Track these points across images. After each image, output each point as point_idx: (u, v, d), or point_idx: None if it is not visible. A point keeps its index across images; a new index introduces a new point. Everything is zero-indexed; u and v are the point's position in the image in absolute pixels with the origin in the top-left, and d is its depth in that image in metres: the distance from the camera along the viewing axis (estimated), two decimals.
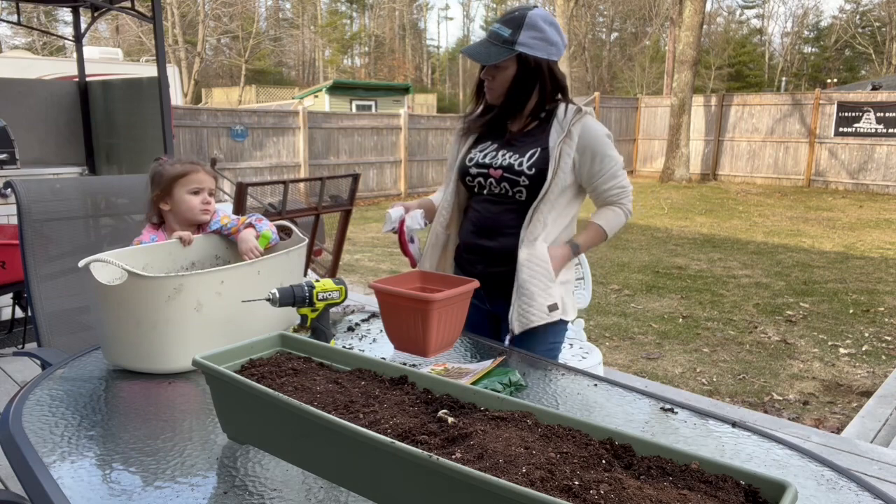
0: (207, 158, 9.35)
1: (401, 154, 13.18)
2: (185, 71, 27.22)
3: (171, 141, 4.39)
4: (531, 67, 1.81)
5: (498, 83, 1.85)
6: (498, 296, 1.92)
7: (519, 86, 1.83)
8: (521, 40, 1.78)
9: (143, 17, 4.62)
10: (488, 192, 1.91)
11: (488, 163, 1.89)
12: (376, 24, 45.67)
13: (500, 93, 1.87)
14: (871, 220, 10.39)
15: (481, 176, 1.90)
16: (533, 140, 1.87)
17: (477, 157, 1.93)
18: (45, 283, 2.19)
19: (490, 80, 1.86)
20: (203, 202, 1.88)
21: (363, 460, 0.91)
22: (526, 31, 1.78)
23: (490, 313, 2.00)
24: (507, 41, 1.79)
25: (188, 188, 1.86)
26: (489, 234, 1.91)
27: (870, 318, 5.24)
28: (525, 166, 1.83)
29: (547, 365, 1.65)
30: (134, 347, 1.49)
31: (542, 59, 1.81)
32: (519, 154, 1.86)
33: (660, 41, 39.04)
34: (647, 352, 4.46)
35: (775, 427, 3.07)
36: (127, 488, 1.02)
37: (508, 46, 1.79)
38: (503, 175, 1.86)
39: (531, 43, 1.79)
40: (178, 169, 1.86)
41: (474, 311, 1.97)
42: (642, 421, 1.33)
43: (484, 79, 1.88)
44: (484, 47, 1.82)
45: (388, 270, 6.86)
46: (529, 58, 1.80)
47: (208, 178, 1.90)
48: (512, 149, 1.88)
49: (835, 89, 16.47)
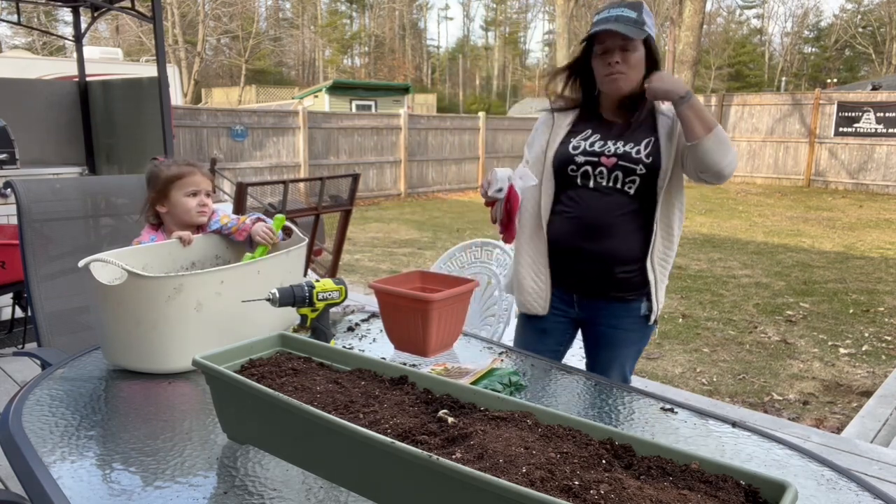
0: (207, 158, 9.35)
1: (401, 154, 13.18)
2: (185, 71, 27.21)
3: (171, 141, 4.39)
4: (654, 52, 1.77)
5: (630, 68, 1.74)
6: (595, 298, 1.86)
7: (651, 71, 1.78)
8: (648, 23, 1.73)
9: (143, 17, 4.62)
10: (594, 184, 1.79)
11: (598, 150, 1.78)
12: (376, 24, 45.68)
13: (630, 79, 1.76)
14: (871, 220, 10.39)
15: (590, 164, 1.78)
16: (645, 129, 1.79)
17: (583, 146, 1.80)
18: (45, 283, 2.19)
19: (619, 66, 1.73)
20: (200, 204, 1.87)
21: (363, 460, 0.91)
22: (647, 15, 1.73)
23: (575, 318, 1.93)
24: (638, 22, 1.70)
25: (185, 190, 1.85)
26: (595, 232, 1.79)
27: (870, 318, 5.24)
28: (643, 154, 1.75)
29: (547, 365, 1.65)
30: (134, 347, 1.49)
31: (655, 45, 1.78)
32: (634, 142, 1.77)
33: (660, 41, 39.01)
34: (647, 352, 4.46)
35: (775, 427, 3.07)
36: (127, 488, 1.02)
37: (640, 27, 1.71)
38: (617, 163, 1.75)
39: (652, 27, 1.75)
40: (174, 171, 1.85)
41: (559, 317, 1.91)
42: (642, 421, 1.33)
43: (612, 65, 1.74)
44: (622, 27, 1.69)
45: (388, 270, 6.86)
46: (653, 41, 1.76)
47: (205, 179, 1.89)
48: (624, 138, 1.79)
49: (835, 89, 16.47)
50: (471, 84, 47.38)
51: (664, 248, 1.83)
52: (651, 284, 1.82)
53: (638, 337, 1.90)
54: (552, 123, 1.90)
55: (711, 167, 1.69)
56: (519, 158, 2.07)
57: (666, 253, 1.84)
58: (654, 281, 1.82)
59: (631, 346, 1.91)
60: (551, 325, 1.93)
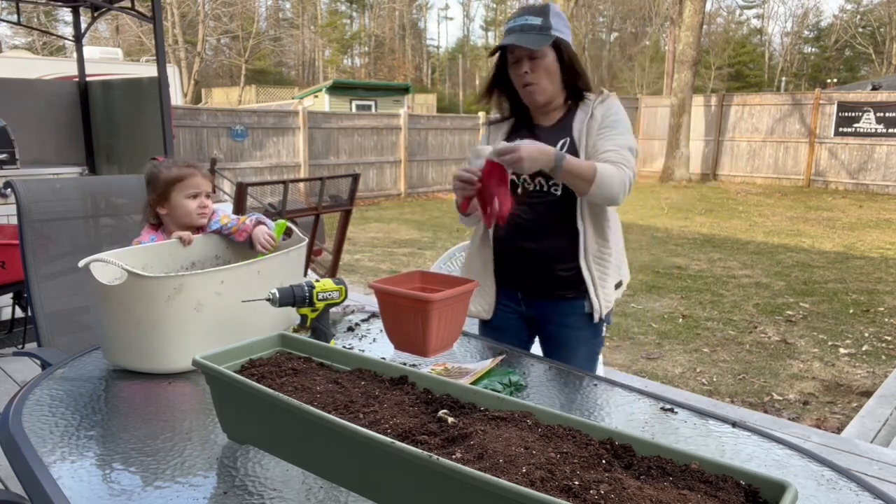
0: (207, 158, 9.35)
1: (401, 154, 13.18)
2: (185, 71, 27.21)
3: (171, 141, 4.39)
4: (566, 54, 1.77)
5: (541, 76, 1.76)
6: (540, 298, 1.90)
7: (566, 73, 1.78)
8: (555, 26, 1.74)
9: (143, 17, 4.62)
10: (521, 190, 1.84)
11: None
12: (376, 24, 45.68)
13: (543, 88, 1.78)
14: (871, 220, 10.39)
15: (515, 174, 1.81)
16: (562, 130, 1.82)
17: None
18: (45, 283, 2.19)
19: (529, 75, 1.76)
20: (200, 206, 1.87)
21: (363, 460, 0.91)
22: (554, 18, 1.75)
23: (527, 316, 1.96)
24: (542, 28, 1.73)
25: (185, 193, 1.85)
26: (531, 235, 1.85)
27: (870, 318, 5.24)
28: None
29: (547, 365, 1.65)
30: (134, 347, 1.49)
31: (570, 43, 1.79)
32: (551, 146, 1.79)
33: (660, 41, 39.05)
34: (647, 352, 4.46)
35: (775, 427, 3.07)
36: (127, 488, 1.02)
37: (546, 33, 1.73)
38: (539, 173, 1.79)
39: (562, 29, 1.75)
40: (174, 173, 1.84)
41: (505, 314, 1.96)
42: (642, 421, 1.33)
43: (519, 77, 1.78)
44: (523, 38, 1.73)
45: (388, 270, 6.86)
46: (564, 43, 1.76)
47: (205, 181, 1.88)
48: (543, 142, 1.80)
49: (835, 89, 16.47)
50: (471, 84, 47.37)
51: (598, 246, 1.83)
52: (588, 283, 1.83)
53: (587, 335, 1.90)
54: (489, 137, 1.98)
55: (608, 204, 1.76)
56: None
57: (601, 251, 1.84)
58: (592, 279, 1.84)
59: (582, 345, 1.90)
60: (504, 323, 1.97)
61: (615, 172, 1.69)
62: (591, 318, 1.87)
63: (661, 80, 32.28)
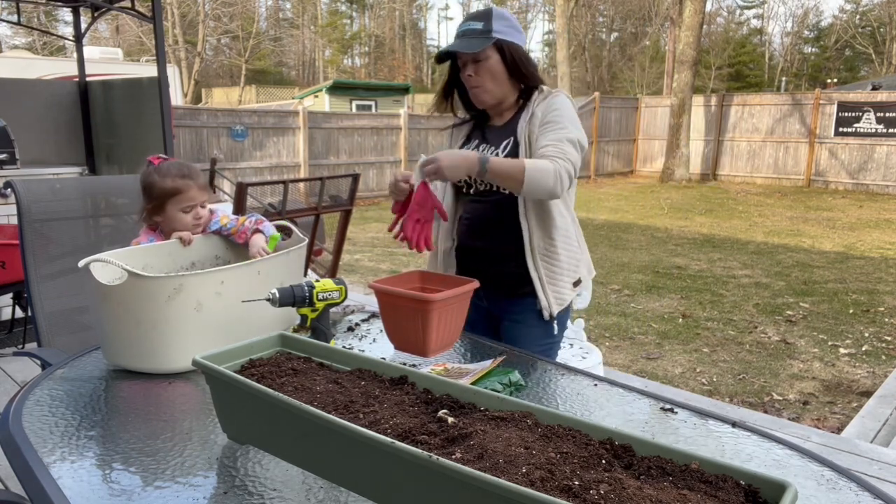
0: (207, 158, 9.35)
1: (401, 154, 13.18)
2: (185, 71, 27.21)
3: (171, 141, 4.39)
4: (511, 54, 1.81)
5: (486, 79, 1.82)
6: (496, 295, 1.93)
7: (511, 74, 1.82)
8: (496, 28, 1.79)
9: (143, 17, 4.62)
10: (475, 191, 1.90)
11: None
12: (376, 24, 45.68)
13: (489, 89, 1.83)
14: (871, 220, 10.39)
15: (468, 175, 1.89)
16: (508, 130, 1.86)
17: None
18: (45, 283, 2.19)
19: (474, 78, 1.82)
20: (195, 218, 1.86)
21: (363, 460, 0.91)
22: (496, 21, 1.80)
23: (489, 312, 2.00)
24: (483, 31, 1.79)
25: (180, 206, 1.83)
26: (481, 234, 1.91)
27: (870, 318, 5.24)
28: (500, 156, 1.82)
29: (547, 365, 1.65)
30: (134, 347, 1.49)
31: (516, 44, 1.82)
32: (495, 146, 1.86)
33: (660, 41, 39.03)
34: (647, 352, 4.46)
35: (775, 427, 3.07)
36: (127, 488, 1.02)
37: (486, 36, 1.78)
38: None
39: (505, 30, 1.80)
40: (168, 185, 1.80)
41: (474, 309, 1.97)
42: (642, 421, 1.33)
43: (466, 80, 1.84)
44: (462, 42, 1.80)
45: (388, 270, 6.86)
46: (508, 44, 1.80)
47: (201, 193, 1.85)
48: (489, 143, 1.89)
49: (835, 89, 16.47)
50: None
51: (545, 244, 1.84)
52: (535, 281, 1.84)
53: (540, 333, 1.91)
54: (451, 139, 2.03)
55: (547, 198, 1.75)
56: None
57: (548, 249, 1.84)
58: (539, 277, 1.84)
59: (535, 343, 1.90)
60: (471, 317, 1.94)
61: (547, 166, 1.67)
62: (541, 316, 1.88)
63: (661, 80, 32.28)
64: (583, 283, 1.94)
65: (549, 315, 1.87)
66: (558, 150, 1.72)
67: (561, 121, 1.77)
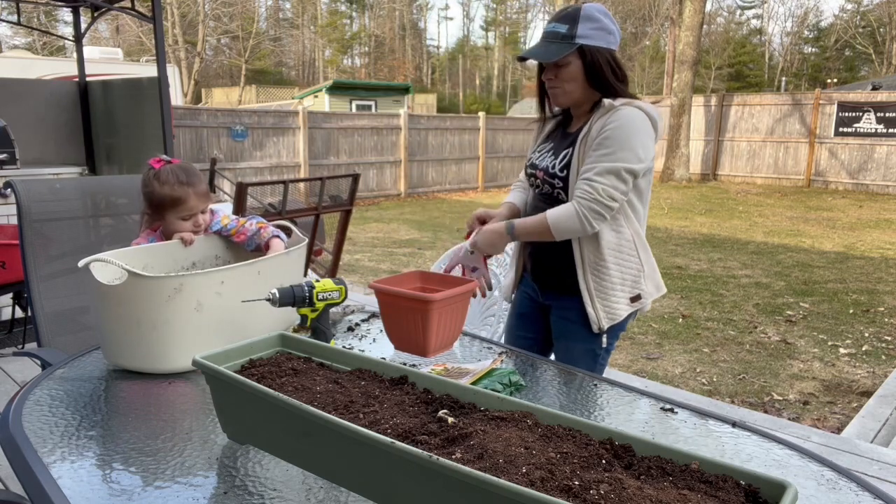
0: (207, 158, 9.36)
1: (401, 154, 13.18)
2: (185, 71, 27.22)
3: (171, 141, 4.39)
4: (593, 61, 1.74)
5: (564, 82, 1.77)
6: (548, 290, 1.96)
7: (591, 81, 1.76)
8: (581, 33, 1.72)
9: (143, 17, 4.62)
10: (540, 192, 1.91)
11: (536, 164, 1.90)
12: (376, 24, 45.68)
13: (567, 92, 1.79)
14: (871, 220, 10.39)
15: (533, 176, 1.91)
16: (570, 140, 1.83)
17: (533, 158, 1.94)
18: (45, 283, 2.19)
19: (553, 81, 1.79)
20: (194, 225, 1.85)
21: (363, 460, 0.91)
22: (583, 24, 1.72)
23: (542, 306, 2.01)
24: (566, 36, 1.73)
25: (179, 215, 1.82)
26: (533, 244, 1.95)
27: (870, 318, 5.24)
28: (557, 168, 1.81)
29: (547, 365, 1.65)
30: (134, 347, 1.49)
31: (603, 48, 1.75)
32: (555, 155, 1.84)
33: (660, 41, 39.05)
34: (647, 352, 4.46)
35: (775, 427, 3.07)
36: (127, 488, 1.02)
37: (568, 42, 1.73)
38: (544, 177, 1.85)
39: (591, 34, 1.73)
40: (167, 193, 1.79)
41: (528, 300, 2.05)
42: (642, 421, 1.33)
43: (546, 81, 1.81)
44: (542, 47, 1.76)
45: (388, 270, 6.86)
46: (592, 49, 1.73)
47: (200, 201, 1.84)
48: (555, 149, 1.87)
49: (835, 89, 16.48)
50: (471, 84, 47.39)
51: (595, 258, 1.81)
52: (584, 293, 1.82)
53: (585, 334, 1.87)
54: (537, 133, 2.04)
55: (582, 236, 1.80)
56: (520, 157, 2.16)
57: (598, 264, 1.81)
58: (588, 290, 1.82)
59: (579, 343, 1.88)
60: (524, 310, 2.07)
61: (569, 212, 1.72)
62: (588, 323, 1.85)
63: (661, 80, 32.27)
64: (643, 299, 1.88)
65: (598, 328, 1.83)
66: (587, 186, 1.70)
67: (609, 144, 1.71)
